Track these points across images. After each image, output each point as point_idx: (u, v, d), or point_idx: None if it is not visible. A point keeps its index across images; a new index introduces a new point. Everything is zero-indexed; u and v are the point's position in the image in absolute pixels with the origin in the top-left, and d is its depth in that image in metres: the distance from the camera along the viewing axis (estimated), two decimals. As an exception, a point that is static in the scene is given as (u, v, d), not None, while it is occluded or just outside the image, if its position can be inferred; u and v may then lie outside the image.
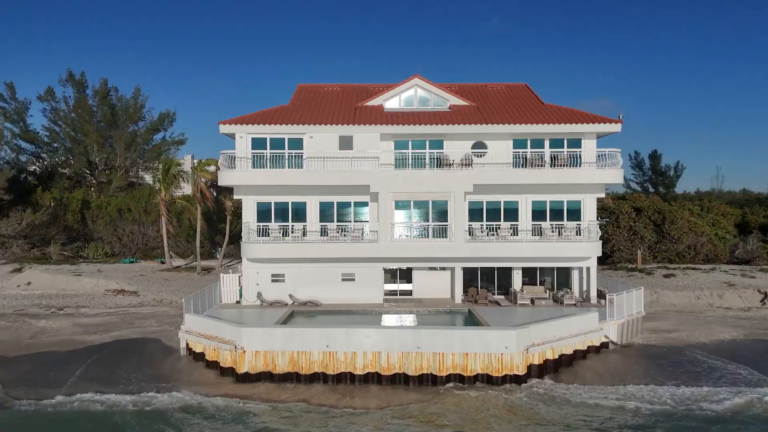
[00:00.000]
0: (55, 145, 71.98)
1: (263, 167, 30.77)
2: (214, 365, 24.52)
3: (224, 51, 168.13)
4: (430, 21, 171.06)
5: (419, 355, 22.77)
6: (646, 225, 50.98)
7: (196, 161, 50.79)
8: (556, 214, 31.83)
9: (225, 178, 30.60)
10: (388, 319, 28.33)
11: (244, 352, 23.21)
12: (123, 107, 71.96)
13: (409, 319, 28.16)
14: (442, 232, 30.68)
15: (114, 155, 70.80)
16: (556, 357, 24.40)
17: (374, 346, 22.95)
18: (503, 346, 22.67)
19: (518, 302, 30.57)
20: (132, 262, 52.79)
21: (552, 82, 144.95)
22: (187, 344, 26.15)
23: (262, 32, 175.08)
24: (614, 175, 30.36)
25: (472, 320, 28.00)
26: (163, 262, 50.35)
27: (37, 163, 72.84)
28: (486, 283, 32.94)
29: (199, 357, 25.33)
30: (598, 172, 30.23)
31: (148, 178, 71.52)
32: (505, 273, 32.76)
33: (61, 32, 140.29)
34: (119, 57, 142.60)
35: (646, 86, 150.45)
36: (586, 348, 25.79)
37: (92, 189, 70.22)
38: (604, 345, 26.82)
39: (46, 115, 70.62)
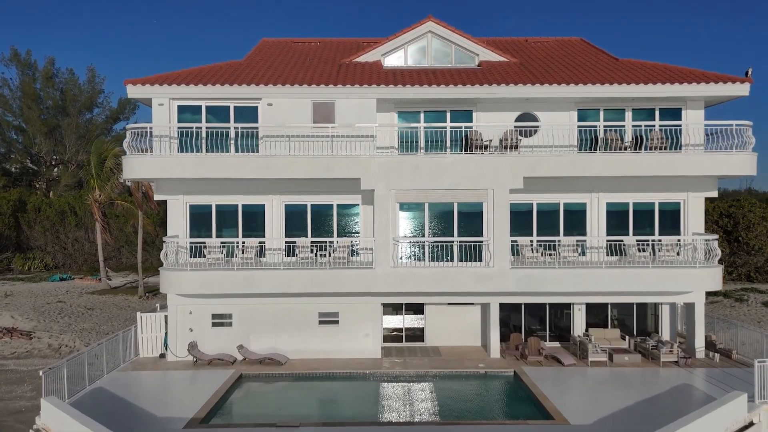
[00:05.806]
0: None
1: (196, 151, 19.92)
2: (79, 499, 13.65)
3: (203, 39, 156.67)
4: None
5: (451, 502, 11.95)
6: (715, 232, 40.22)
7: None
8: (641, 221, 21.21)
9: (133, 168, 19.64)
10: (391, 394, 17.52)
11: (121, 489, 12.39)
12: (75, 92, 61.08)
13: (424, 397, 17.33)
14: (473, 253, 19.76)
15: (63, 148, 60.05)
16: (694, 485, 13.58)
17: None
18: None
19: (589, 358, 19.85)
20: (64, 279, 41.83)
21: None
22: (45, 451, 15.27)
23: (257, 23, 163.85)
24: (744, 163, 19.32)
25: (523, 395, 17.31)
26: (100, 280, 39.50)
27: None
28: (531, 321, 22.24)
29: (61, 477, 14.44)
30: (721, 158, 19.13)
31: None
32: (560, 307, 22.07)
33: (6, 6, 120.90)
34: (73, 34, 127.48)
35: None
36: (730, 457, 14.97)
37: (38, 188, 59.48)
38: (752, 444, 15.98)
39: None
